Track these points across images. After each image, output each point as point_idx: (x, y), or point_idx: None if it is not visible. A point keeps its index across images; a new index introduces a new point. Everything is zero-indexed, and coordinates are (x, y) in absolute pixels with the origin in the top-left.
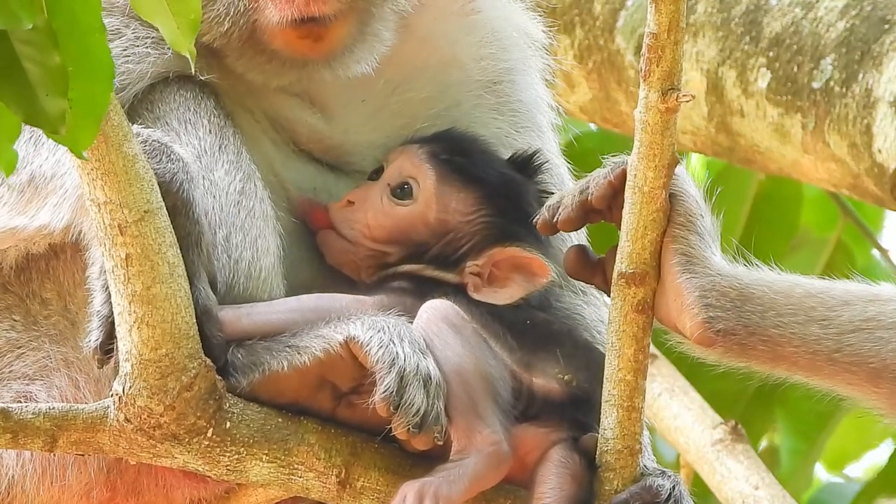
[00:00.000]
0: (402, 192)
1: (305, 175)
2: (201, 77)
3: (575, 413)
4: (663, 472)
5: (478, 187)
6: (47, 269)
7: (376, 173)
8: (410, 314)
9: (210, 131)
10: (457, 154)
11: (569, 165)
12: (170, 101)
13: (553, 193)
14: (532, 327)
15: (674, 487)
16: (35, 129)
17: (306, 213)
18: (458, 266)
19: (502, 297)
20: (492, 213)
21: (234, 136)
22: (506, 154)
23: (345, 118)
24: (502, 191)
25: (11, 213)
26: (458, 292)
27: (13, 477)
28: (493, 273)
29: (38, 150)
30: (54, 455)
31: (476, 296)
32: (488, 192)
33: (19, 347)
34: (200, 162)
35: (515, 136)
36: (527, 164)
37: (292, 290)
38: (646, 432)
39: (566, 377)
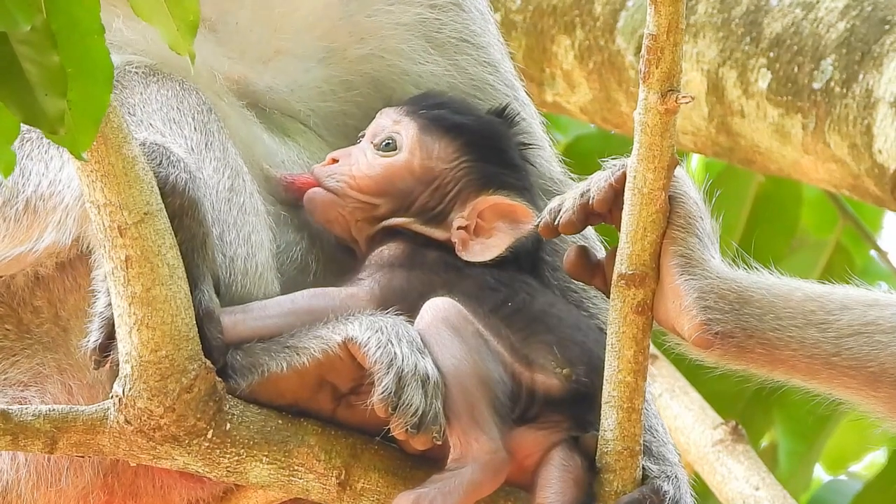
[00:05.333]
0: (387, 145)
1: (279, 153)
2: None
3: (575, 410)
4: (668, 476)
5: (458, 134)
6: (37, 277)
7: (357, 141)
8: (403, 296)
9: (195, 129)
10: (434, 108)
11: (568, 166)
12: (152, 103)
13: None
14: (529, 319)
15: (676, 492)
16: (20, 155)
17: (290, 184)
18: (445, 220)
19: (491, 248)
20: (474, 158)
21: (220, 132)
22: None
23: (273, 68)
24: (483, 135)
25: (14, 244)
26: (452, 270)
27: (8, 481)
28: (479, 224)
29: (27, 179)
30: (50, 459)
31: (466, 254)
32: (469, 139)
33: (14, 355)
34: (191, 161)
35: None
36: (500, 117)
37: (284, 283)
38: (664, 430)
39: (564, 371)
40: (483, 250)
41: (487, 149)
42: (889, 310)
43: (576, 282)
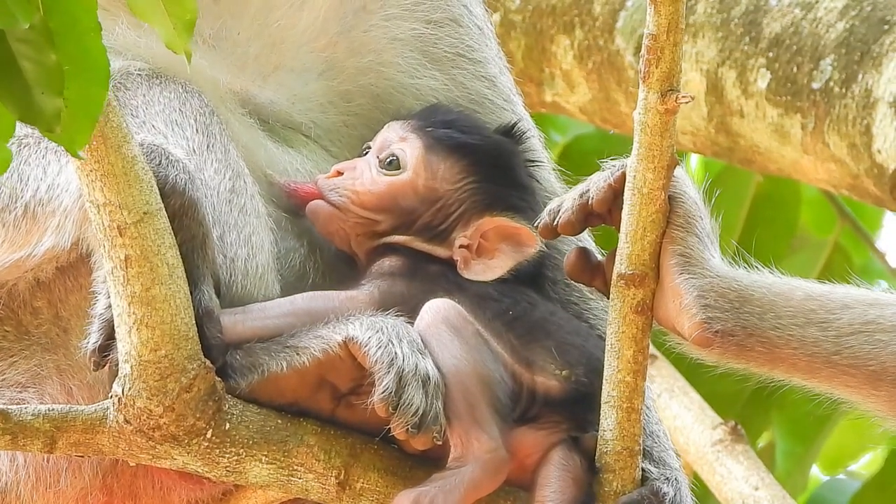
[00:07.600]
0: (390, 163)
1: (282, 161)
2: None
3: (575, 410)
4: (668, 478)
5: (464, 154)
6: (37, 280)
7: (363, 152)
8: (403, 302)
9: (197, 130)
10: (441, 125)
11: (568, 167)
12: (154, 104)
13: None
14: (529, 325)
15: (675, 494)
16: (17, 161)
17: (294, 192)
18: (448, 238)
19: (492, 269)
20: (480, 179)
21: (221, 134)
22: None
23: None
24: (490, 155)
25: (13, 249)
26: (453, 282)
27: (7, 483)
28: (481, 244)
29: (25, 184)
30: (49, 460)
31: (467, 273)
32: (475, 159)
33: (12, 356)
34: (190, 162)
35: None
36: (508, 135)
37: (282, 289)
38: (666, 436)
39: (564, 372)
40: (485, 270)
41: (494, 169)
42: (889, 309)
43: (575, 294)
